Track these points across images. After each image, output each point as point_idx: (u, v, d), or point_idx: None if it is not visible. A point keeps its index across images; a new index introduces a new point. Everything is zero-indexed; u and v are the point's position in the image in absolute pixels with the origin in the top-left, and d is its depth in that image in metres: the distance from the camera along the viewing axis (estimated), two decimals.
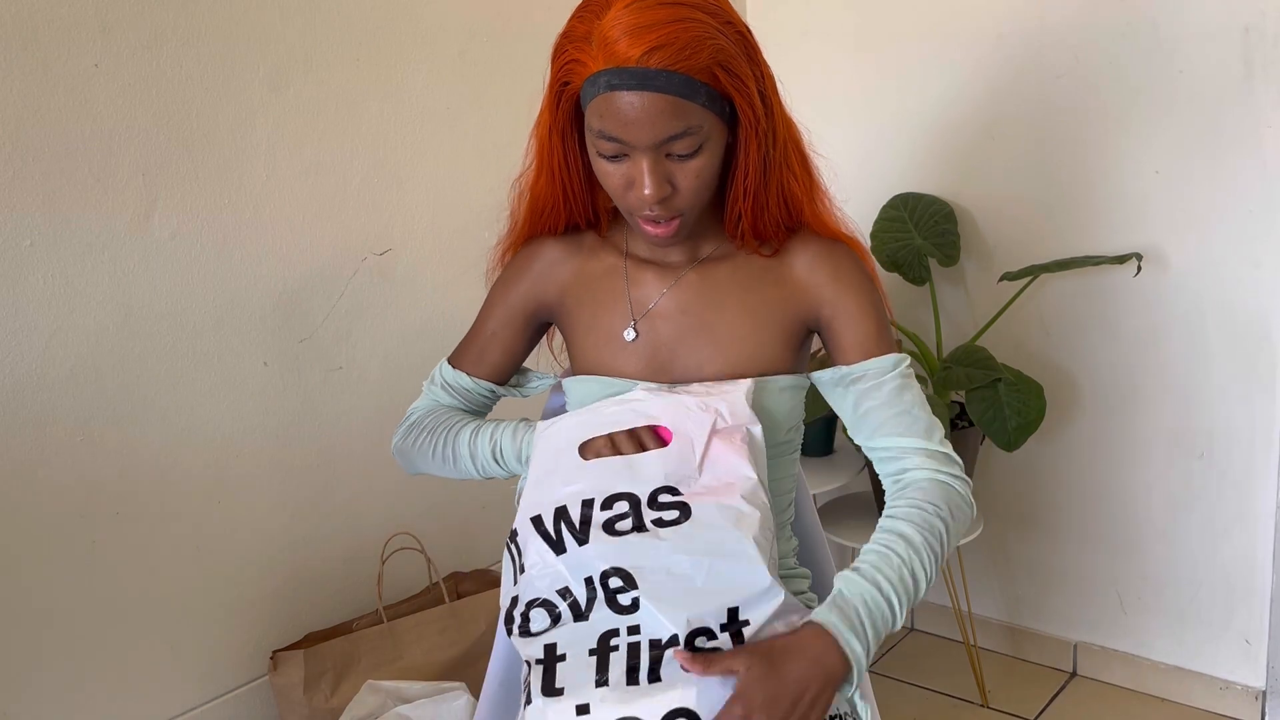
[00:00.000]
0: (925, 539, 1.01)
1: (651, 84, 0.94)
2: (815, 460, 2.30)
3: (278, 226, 1.69)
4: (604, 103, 0.96)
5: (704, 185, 1.02)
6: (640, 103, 0.95)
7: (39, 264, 1.44)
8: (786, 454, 1.16)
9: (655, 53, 0.93)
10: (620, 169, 1.00)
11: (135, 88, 1.51)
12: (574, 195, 1.11)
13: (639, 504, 0.99)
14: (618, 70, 0.94)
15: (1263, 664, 2.03)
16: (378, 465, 1.85)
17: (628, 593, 0.95)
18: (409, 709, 1.56)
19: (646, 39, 0.93)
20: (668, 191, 1.00)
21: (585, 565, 0.97)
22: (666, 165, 0.99)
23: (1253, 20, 1.82)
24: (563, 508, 1.00)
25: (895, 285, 2.23)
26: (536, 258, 1.18)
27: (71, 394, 1.49)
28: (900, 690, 2.23)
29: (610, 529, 0.98)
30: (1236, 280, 1.92)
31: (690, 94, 0.95)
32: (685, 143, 0.98)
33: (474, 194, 1.95)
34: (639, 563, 0.95)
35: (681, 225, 1.04)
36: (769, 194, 1.07)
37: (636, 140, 0.97)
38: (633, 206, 1.03)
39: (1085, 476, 2.16)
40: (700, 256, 1.14)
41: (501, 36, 1.96)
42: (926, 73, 2.19)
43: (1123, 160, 1.99)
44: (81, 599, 1.53)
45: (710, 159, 1.01)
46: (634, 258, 1.15)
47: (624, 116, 0.96)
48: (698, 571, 0.95)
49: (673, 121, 0.96)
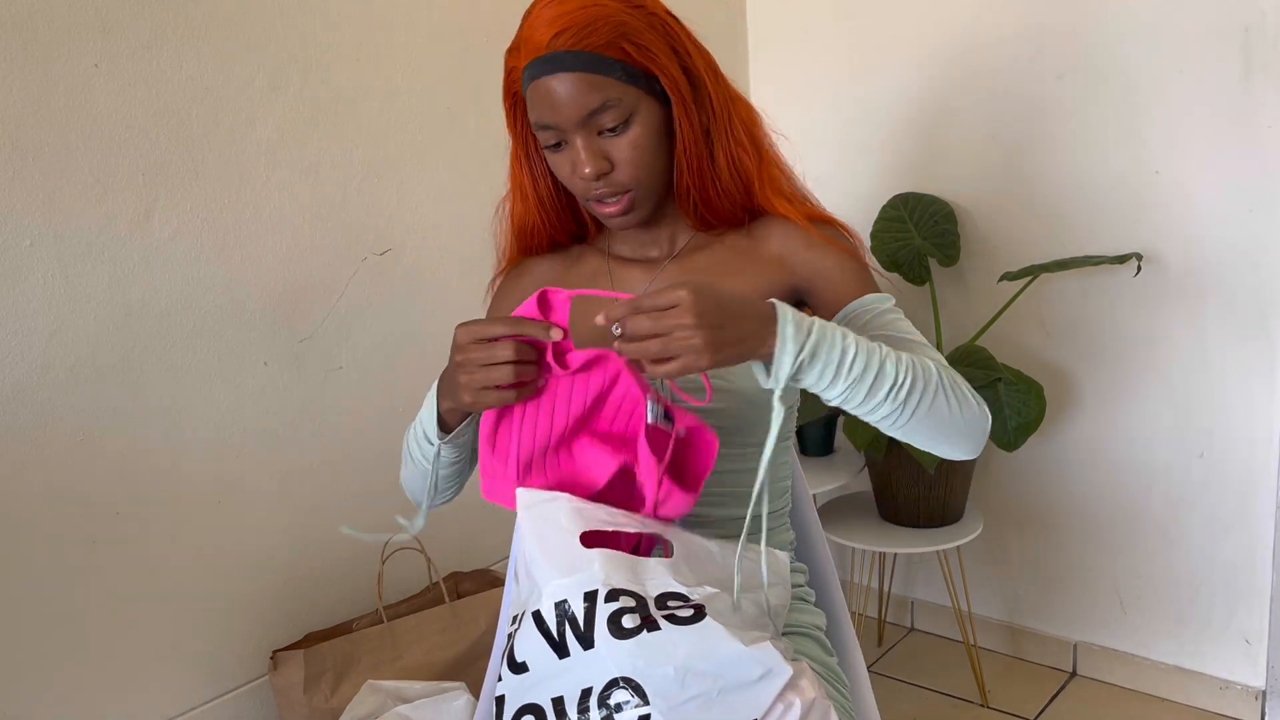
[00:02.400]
0: (917, 360, 0.97)
1: (561, 64, 1.00)
2: (815, 460, 2.30)
3: (278, 226, 1.69)
4: (532, 93, 1.03)
5: (642, 158, 1.05)
6: (557, 85, 1.01)
7: (39, 264, 1.44)
8: (779, 440, 1.14)
9: (561, 36, 1.00)
10: (564, 156, 1.05)
11: (135, 88, 1.51)
12: (549, 210, 1.16)
13: (645, 602, 0.93)
14: (535, 61, 1.01)
15: (1263, 664, 2.03)
16: (378, 465, 1.85)
17: (631, 711, 0.88)
18: (409, 709, 1.56)
19: (553, 27, 1.00)
20: (605, 167, 1.04)
21: (589, 674, 0.90)
22: (599, 143, 1.04)
23: (1253, 20, 1.82)
24: (563, 601, 0.93)
25: (895, 285, 2.23)
26: (525, 274, 1.22)
27: (71, 394, 1.49)
28: (900, 690, 2.23)
29: (617, 626, 0.90)
30: (1236, 280, 1.92)
31: (601, 69, 1.00)
32: (610, 115, 1.02)
33: (474, 194, 1.95)
34: (652, 670, 0.88)
35: (633, 202, 1.07)
36: (716, 167, 1.10)
37: (563, 121, 1.02)
38: (580, 190, 1.07)
39: (1085, 476, 2.16)
40: (676, 246, 1.17)
41: (501, 36, 1.95)
42: (926, 73, 2.19)
43: (1123, 160, 1.99)
44: (81, 599, 1.53)
45: (644, 131, 1.04)
46: (616, 258, 1.18)
47: (547, 101, 1.01)
48: (713, 686, 0.89)
49: (590, 95, 1.00)
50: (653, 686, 0.88)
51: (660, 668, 0.89)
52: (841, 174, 2.35)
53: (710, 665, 0.89)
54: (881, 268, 2.14)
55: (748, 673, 0.90)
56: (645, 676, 0.89)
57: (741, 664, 0.90)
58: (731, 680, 0.90)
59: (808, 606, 1.23)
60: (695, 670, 0.89)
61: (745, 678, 0.90)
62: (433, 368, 1.94)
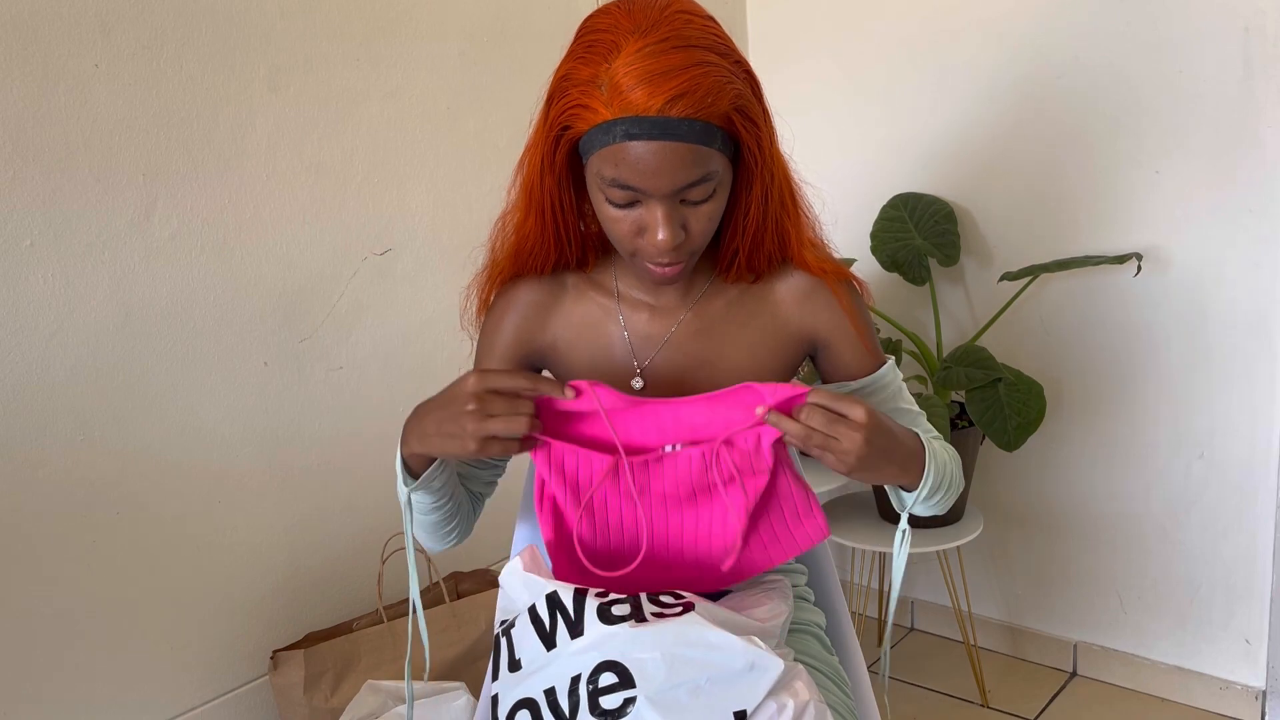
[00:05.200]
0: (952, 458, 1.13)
1: (673, 133, 0.91)
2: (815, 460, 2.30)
3: (278, 226, 1.69)
4: (619, 151, 0.92)
5: (714, 227, 1.01)
6: (661, 152, 0.91)
7: (39, 264, 1.44)
8: None
9: (677, 101, 0.90)
10: (631, 215, 0.97)
11: (135, 88, 1.51)
12: (565, 237, 1.07)
13: (638, 598, 0.95)
14: (637, 119, 0.91)
15: (1263, 664, 2.03)
16: (378, 465, 1.85)
17: (618, 693, 0.89)
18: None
19: (666, 87, 0.90)
20: (682, 237, 0.98)
21: (580, 661, 0.91)
22: (681, 211, 0.97)
23: (1253, 20, 1.82)
24: (553, 594, 0.95)
25: (895, 285, 2.23)
26: (518, 301, 1.13)
27: (71, 394, 1.49)
28: (900, 690, 2.23)
29: (607, 614, 0.92)
30: (1236, 280, 1.92)
31: (709, 140, 0.93)
32: (701, 189, 0.96)
33: (474, 194, 1.95)
34: (639, 654, 0.90)
35: (686, 268, 1.03)
36: (765, 232, 1.06)
37: (655, 189, 0.94)
38: (642, 252, 1.00)
39: (1085, 476, 2.16)
40: (693, 295, 1.12)
41: (501, 36, 1.97)
42: (926, 73, 2.19)
43: (1123, 160, 1.99)
44: (82, 599, 1.53)
45: (721, 202, 0.99)
46: (626, 299, 1.12)
47: (642, 166, 0.92)
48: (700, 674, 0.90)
49: (693, 169, 0.93)
50: (639, 671, 0.89)
51: (647, 653, 0.90)
52: (841, 174, 2.35)
53: (697, 653, 0.90)
54: (882, 268, 2.15)
55: (735, 663, 0.90)
56: (632, 661, 0.89)
57: (729, 653, 0.91)
58: (719, 669, 0.90)
59: (808, 605, 1.23)
60: (682, 657, 0.90)
61: (732, 667, 0.90)
62: (432, 368, 1.95)
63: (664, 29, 0.91)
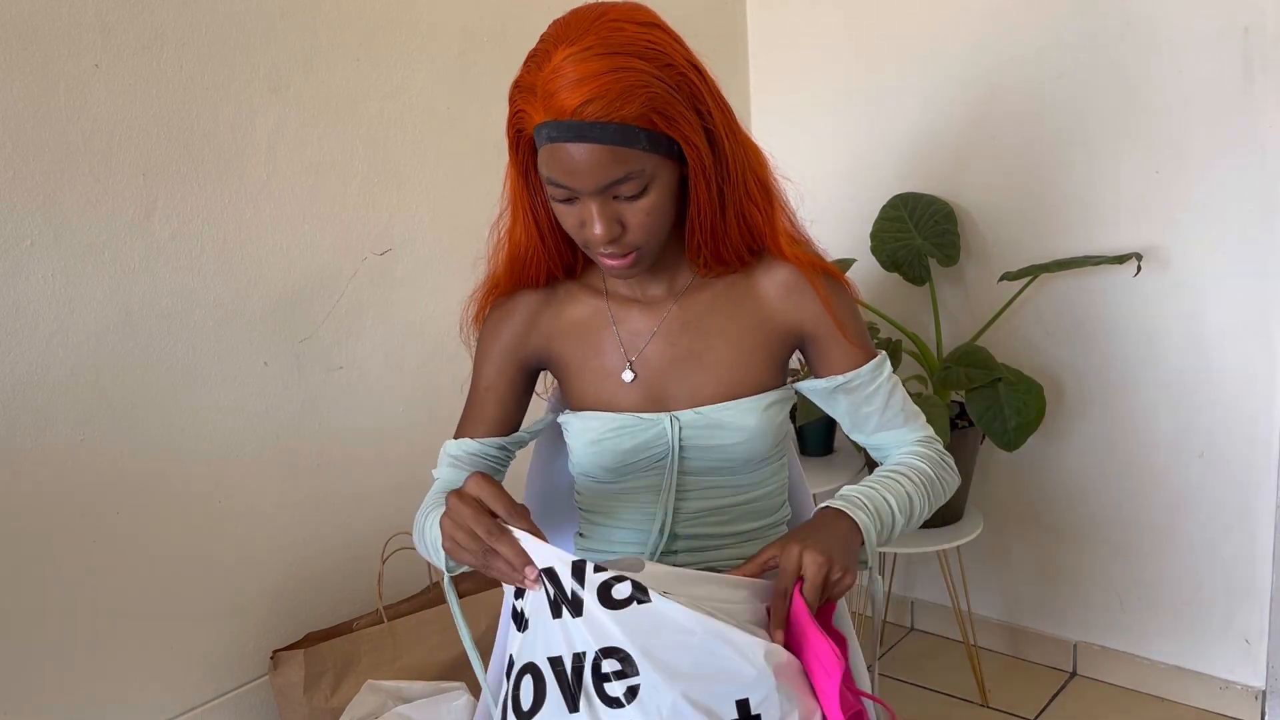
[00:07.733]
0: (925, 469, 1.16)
1: (588, 135, 0.96)
2: (815, 460, 2.30)
3: (278, 226, 1.69)
4: (548, 153, 0.99)
5: (655, 222, 1.04)
6: (580, 153, 0.97)
7: (39, 264, 1.44)
8: (776, 460, 1.21)
9: (590, 105, 0.96)
10: (573, 210, 1.03)
11: (135, 88, 1.51)
12: (548, 237, 1.13)
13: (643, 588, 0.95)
14: (556, 123, 0.97)
15: (1263, 664, 2.03)
16: (378, 465, 1.85)
17: (621, 680, 0.90)
18: (409, 709, 1.56)
19: (581, 91, 0.95)
20: (618, 232, 1.03)
21: (583, 638, 0.93)
22: (614, 206, 1.02)
23: (1253, 20, 1.82)
24: (549, 569, 0.95)
25: (895, 285, 2.24)
26: (516, 308, 1.19)
27: (71, 394, 1.49)
28: (900, 690, 2.23)
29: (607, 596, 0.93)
30: (1236, 280, 1.92)
31: (628, 141, 0.97)
32: (629, 186, 1.00)
33: (474, 194, 1.94)
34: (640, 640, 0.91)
35: (639, 257, 1.07)
36: (726, 223, 1.10)
37: (581, 187, 1.00)
38: (589, 244, 1.06)
39: (1085, 476, 2.17)
40: (679, 289, 1.16)
41: (501, 36, 1.96)
42: (926, 73, 2.19)
43: (1123, 160, 1.99)
44: (81, 599, 1.53)
45: (659, 197, 1.03)
46: (615, 297, 1.18)
47: (567, 165, 0.98)
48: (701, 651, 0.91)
49: (613, 168, 0.98)
50: (641, 658, 0.90)
51: (648, 639, 0.91)
52: (841, 174, 2.35)
53: (697, 639, 0.91)
54: (882, 268, 2.15)
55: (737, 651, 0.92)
56: (634, 647, 0.91)
57: (731, 641, 0.92)
58: (721, 658, 0.91)
59: None
60: (683, 644, 0.91)
61: (734, 656, 0.92)
62: (432, 368, 1.95)
63: (590, 38, 0.97)
